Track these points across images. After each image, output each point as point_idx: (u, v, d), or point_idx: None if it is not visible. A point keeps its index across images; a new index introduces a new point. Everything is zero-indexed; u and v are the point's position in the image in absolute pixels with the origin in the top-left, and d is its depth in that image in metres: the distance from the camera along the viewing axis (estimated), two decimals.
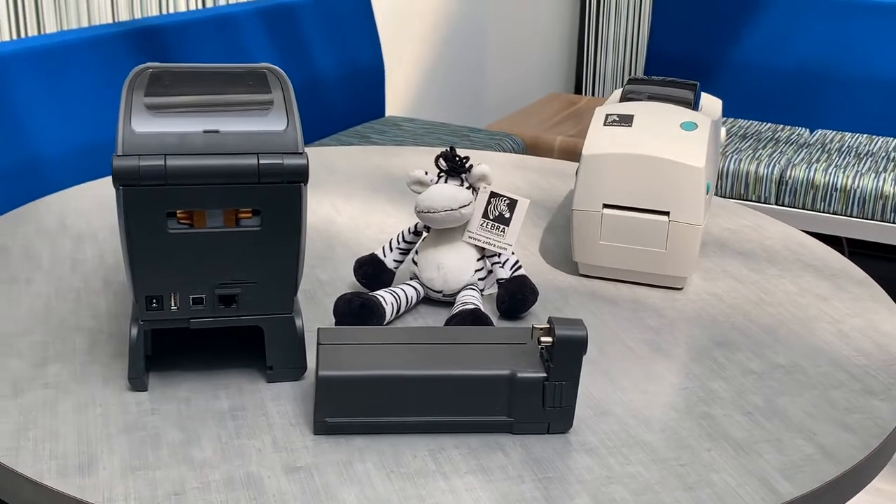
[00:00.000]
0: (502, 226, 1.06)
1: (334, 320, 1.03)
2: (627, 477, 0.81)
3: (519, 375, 0.83)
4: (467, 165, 1.06)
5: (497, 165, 1.61)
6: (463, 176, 1.06)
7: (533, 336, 0.87)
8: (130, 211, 0.82)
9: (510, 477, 0.80)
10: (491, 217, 1.06)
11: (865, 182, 2.66)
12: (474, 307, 1.01)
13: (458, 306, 1.03)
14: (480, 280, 1.08)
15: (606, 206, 1.13)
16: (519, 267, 1.07)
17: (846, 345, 1.05)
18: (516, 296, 1.05)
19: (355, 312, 1.00)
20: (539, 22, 3.88)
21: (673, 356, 1.01)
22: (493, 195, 1.06)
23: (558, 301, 1.12)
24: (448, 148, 1.05)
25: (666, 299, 1.14)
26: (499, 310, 1.06)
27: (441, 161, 1.06)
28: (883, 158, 2.83)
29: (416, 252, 1.09)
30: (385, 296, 1.03)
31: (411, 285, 1.07)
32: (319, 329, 0.88)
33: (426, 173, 1.06)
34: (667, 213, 1.12)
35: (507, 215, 1.06)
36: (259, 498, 0.76)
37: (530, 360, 0.85)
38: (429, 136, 2.65)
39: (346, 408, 0.83)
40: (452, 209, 1.03)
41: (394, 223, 1.33)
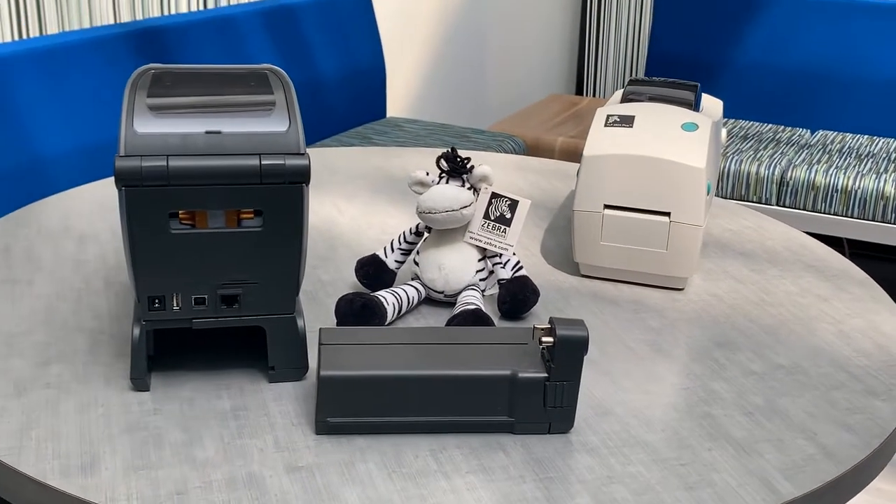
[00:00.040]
0: (503, 226, 1.06)
1: (336, 321, 1.03)
2: (628, 477, 0.81)
3: (520, 375, 0.84)
4: (468, 166, 1.06)
5: (498, 166, 1.61)
6: (464, 177, 1.06)
7: (534, 336, 0.88)
8: (133, 211, 0.82)
9: (511, 477, 0.80)
10: (492, 218, 1.06)
11: (866, 183, 2.66)
12: (475, 307, 1.01)
13: (460, 307, 1.03)
14: (482, 280, 1.08)
15: (607, 207, 1.14)
16: (520, 267, 1.08)
17: (847, 345, 1.05)
18: (517, 296, 1.05)
19: (357, 313, 1.01)
20: (540, 23, 3.88)
21: (674, 356, 1.01)
22: (495, 196, 1.06)
23: (559, 301, 1.12)
24: (449, 149, 1.05)
25: (667, 300, 1.14)
26: (500, 310, 1.06)
27: (442, 162, 1.06)
28: (884, 159, 2.83)
29: (418, 253, 1.09)
30: (386, 296, 1.03)
31: (413, 286, 1.07)
32: (321, 329, 0.88)
33: (427, 174, 1.06)
34: (668, 214, 1.12)
35: (509, 216, 1.06)
36: (261, 498, 0.76)
37: (532, 361, 0.85)
38: (430, 137, 2.66)
39: (348, 408, 0.83)
40: (454, 210, 1.03)
41: (395, 224, 1.34)
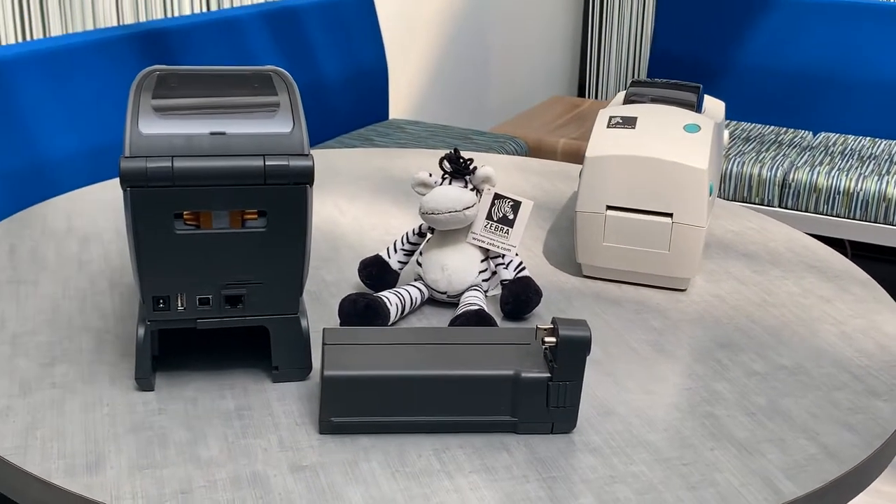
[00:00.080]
0: (506, 227, 1.06)
1: (339, 321, 1.04)
2: (631, 476, 0.81)
3: (523, 375, 0.84)
4: (471, 167, 1.06)
5: (501, 167, 1.61)
6: (467, 178, 1.06)
7: (537, 336, 0.88)
8: (138, 212, 0.83)
9: (514, 476, 0.80)
10: (495, 218, 1.06)
11: (868, 185, 2.66)
12: (478, 308, 1.01)
13: (463, 307, 1.03)
14: (484, 281, 1.08)
15: (610, 208, 1.14)
16: (523, 268, 1.08)
17: (849, 346, 1.05)
18: (520, 297, 1.05)
19: (360, 313, 1.01)
20: (542, 25, 3.89)
21: (676, 357, 1.01)
22: (497, 197, 1.07)
23: (562, 302, 1.13)
24: (452, 150, 1.05)
25: (669, 300, 1.14)
26: (503, 311, 1.07)
27: (445, 163, 1.06)
28: (886, 161, 2.83)
29: (421, 253, 1.09)
30: (390, 297, 1.04)
31: (416, 286, 1.07)
32: (325, 329, 0.88)
33: (430, 175, 1.07)
34: (670, 215, 1.12)
35: (511, 217, 1.06)
36: (265, 497, 0.76)
37: (534, 361, 0.85)
38: (432, 139, 2.66)
39: (352, 407, 0.84)
40: (456, 210, 1.04)
41: (398, 224, 1.34)
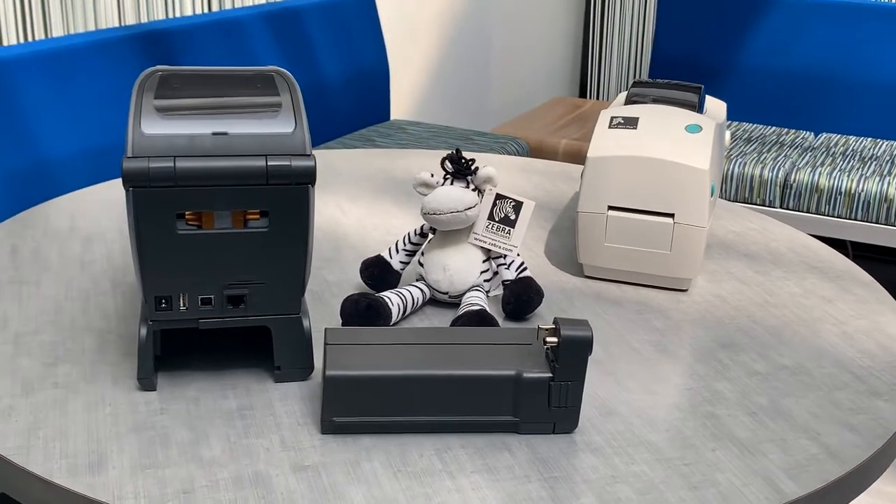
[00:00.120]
0: (508, 227, 1.06)
1: (341, 321, 1.04)
2: (632, 476, 0.81)
3: (525, 376, 0.84)
4: (473, 168, 1.06)
5: (502, 168, 1.61)
6: (469, 178, 1.06)
7: (538, 336, 0.88)
8: (140, 212, 0.83)
9: (516, 476, 0.80)
10: (496, 219, 1.06)
11: (870, 185, 2.66)
12: (480, 308, 1.02)
13: (464, 307, 1.03)
14: (486, 281, 1.08)
15: (611, 208, 1.14)
16: (524, 268, 1.08)
17: (851, 346, 1.05)
18: (522, 297, 1.05)
19: (362, 313, 1.01)
20: (543, 25, 3.89)
21: (678, 357, 1.01)
22: (499, 197, 1.07)
23: (563, 302, 1.13)
24: (454, 150, 1.05)
25: (671, 301, 1.14)
26: (504, 311, 1.07)
27: (447, 163, 1.06)
28: (887, 162, 2.83)
29: (422, 254, 1.09)
30: (391, 297, 1.04)
31: (417, 287, 1.08)
32: (327, 329, 0.88)
33: (432, 175, 1.07)
34: (671, 216, 1.12)
35: (513, 217, 1.06)
36: (267, 496, 0.76)
37: (536, 361, 0.85)
38: (433, 140, 2.66)
39: (354, 407, 0.84)
40: (458, 211, 1.04)
41: (400, 225, 1.34)
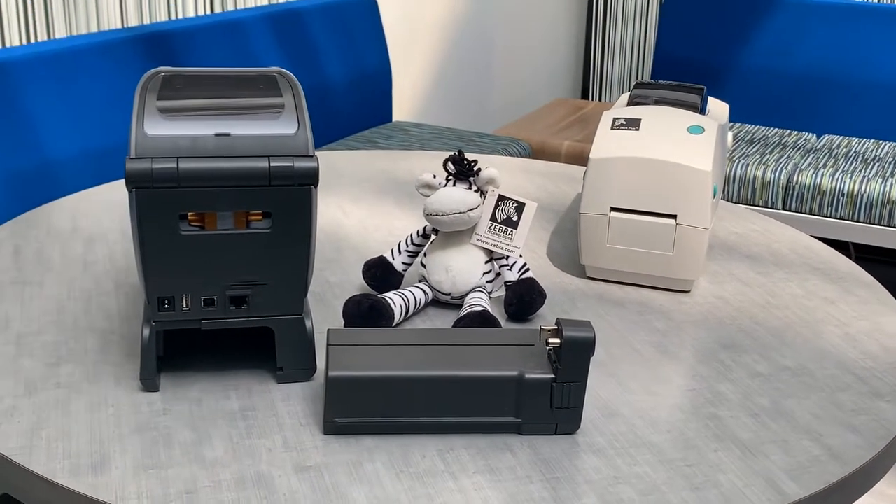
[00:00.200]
0: (510, 229, 1.06)
1: (343, 322, 1.04)
2: (635, 477, 0.81)
3: (527, 376, 0.84)
4: (475, 169, 1.06)
5: (505, 169, 1.61)
6: (471, 179, 1.06)
7: (541, 337, 0.88)
8: (143, 213, 0.83)
9: (518, 477, 0.80)
10: (499, 220, 1.07)
11: (872, 187, 2.66)
12: (482, 309, 1.02)
13: (467, 308, 1.03)
14: (488, 283, 1.08)
15: (614, 210, 1.14)
16: (527, 270, 1.08)
17: (853, 347, 1.05)
18: (524, 298, 1.05)
19: (364, 314, 1.01)
20: (546, 27, 3.89)
21: (680, 358, 1.01)
22: (502, 198, 1.07)
23: (566, 304, 1.13)
24: (456, 151, 1.05)
25: (673, 302, 1.14)
26: (507, 312, 1.07)
27: (449, 164, 1.06)
28: (890, 164, 2.83)
29: (425, 255, 1.09)
30: (394, 298, 1.04)
31: (420, 288, 1.08)
32: (329, 330, 0.88)
33: (434, 177, 1.07)
34: (674, 217, 1.12)
35: (515, 218, 1.06)
36: (269, 497, 0.77)
37: (538, 362, 0.86)
38: (436, 141, 2.66)
39: (356, 408, 0.84)
40: (461, 212, 1.04)
41: (402, 226, 1.34)
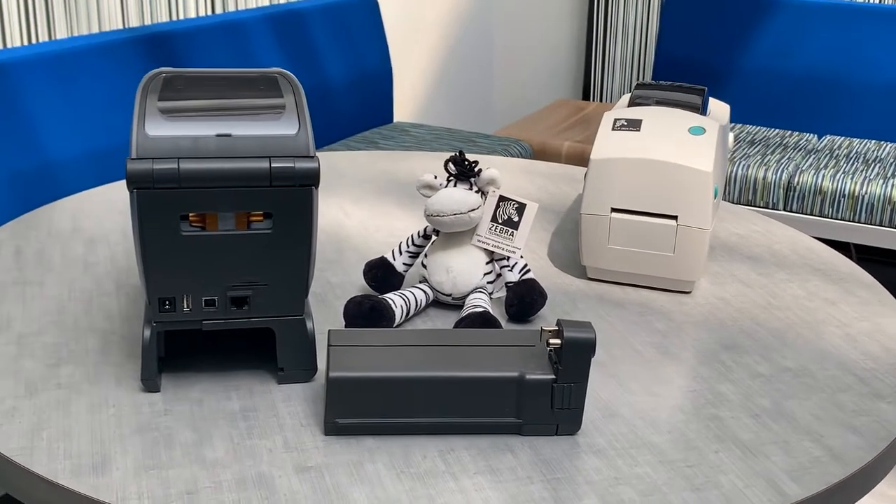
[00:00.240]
0: (511, 229, 1.06)
1: (344, 323, 1.04)
2: (635, 478, 0.81)
3: (528, 377, 0.84)
4: (476, 169, 1.06)
5: (506, 170, 1.61)
6: (472, 180, 1.06)
7: (542, 338, 0.88)
8: (144, 213, 0.83)
9: (519, 478, 0.80)
10: (500, 221, 1.07)
11: (874, 188, 2.66)
12: (483, 310, 1.02)
13: (467, 309, 1.03)
14: (489, 283, 1.08)
15: (615, 210, 1.14)
16: (527, 270, 1.08)
17: (854, 348, 1.05)
18: (525, 299, 1.05)
19: (365, 315, 1.01)
20: (547, 27, 3.89)
21: (681, 359, 1.01)
22: (502, 199, 1.07)
23: (566, 304, 1.13)
24: (457, 152, 1.05)
25: (674, 303, 1.14)
26: (507, 313, 1.07)
27: (450, 165, 1.06)
28: (891, 164, 2.83)
29: (426, 255, 1.09)
30: (395, 299, 1.04)
31: (421, 288, 1.08)
32: (330, 331, 0.88)
33: (435, 177, 1.07)
34: (675, 217, 1.12)
35: (516, 219, 1.06)
36: (270, 497, 0.77)
37: (539, 362, 0.86)
38: (437, 142, 2.66)
39: (357, 409, 0.84)
40: (461, 213, 1.04)
41: (403, 227, 1.34)
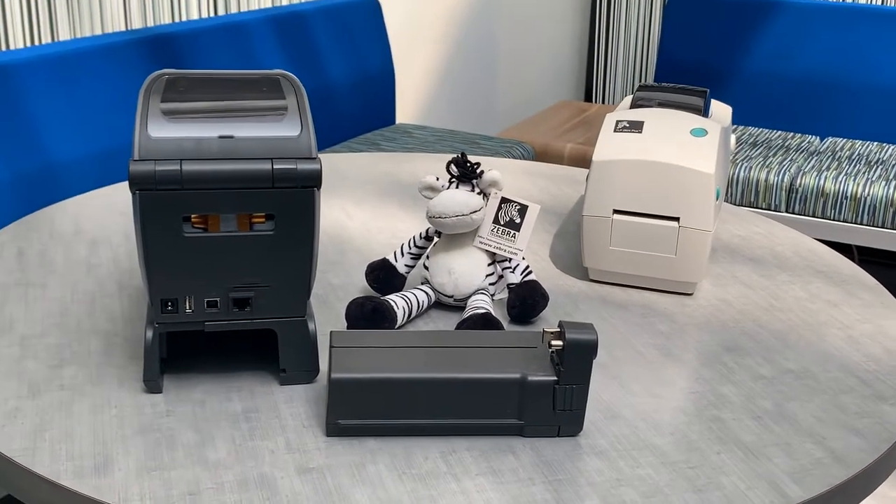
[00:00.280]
0: (513, 231, 1.06)
1: (346, 324, 1.04)
2: (637, 479, 0.81)
3: (529, 378, 0.84)
4: (478, 171, 1.06)
5: (508, 172, 1.61)
6: (474, 181, 1.07)
7: (543, 340, 0.88)
8: (146, 215, 0.83)
9: (521, 479, 0.80)
10: (502, 222, 1.07)
11: (876, 190, 2.66)
12: (485, 311, 1.02)
13: (469, 311, 1.03)
14: (491, 285, 1.08)
15: (616, 212, 1.14)
16: (529, 272, 1.08)
17: (856, 350, 1.05)
18: (527, 301, 1.05)
19: (367, 316, 1.01)
20: (549, 29, 3.89)
21: (683, 361, 1.01)
22: (504, 201, 1.07)
23: (568, 306, 1.13)
24: (459, 154, 1.05)
25: (676, 304, 1.14)
26: (509, 314, 1.07)
27: (452, 167, 1.07)
28: (893, 166, 2.83)
29: (428, 257, 1.09)
30: (397, 300, 1.04)
31: (422, 290, 1.08)
32: (332, 332, 0.88)
33: (438, 179, 1.07)
34: (677, 219, 1.12)
35: (518, 221, 1.06)
36: (272, 498, 0.77)
37: (541, 364, 0.86)
38: (439, 144, 2.66)
39: (359, 410, 0.84)
40: (463, 214, 1.04)
41: (405, 228, 1.34)
